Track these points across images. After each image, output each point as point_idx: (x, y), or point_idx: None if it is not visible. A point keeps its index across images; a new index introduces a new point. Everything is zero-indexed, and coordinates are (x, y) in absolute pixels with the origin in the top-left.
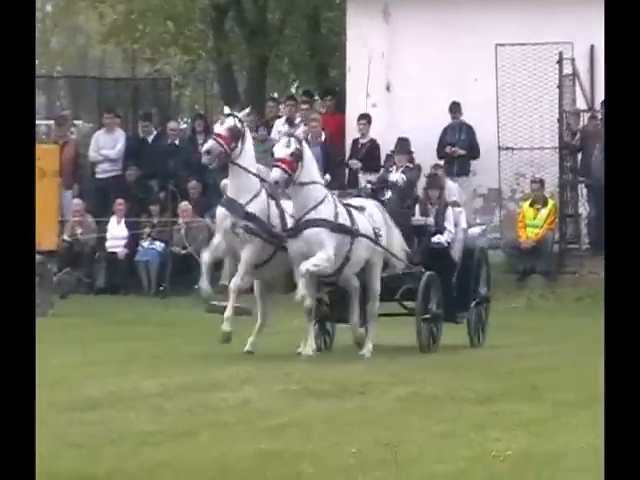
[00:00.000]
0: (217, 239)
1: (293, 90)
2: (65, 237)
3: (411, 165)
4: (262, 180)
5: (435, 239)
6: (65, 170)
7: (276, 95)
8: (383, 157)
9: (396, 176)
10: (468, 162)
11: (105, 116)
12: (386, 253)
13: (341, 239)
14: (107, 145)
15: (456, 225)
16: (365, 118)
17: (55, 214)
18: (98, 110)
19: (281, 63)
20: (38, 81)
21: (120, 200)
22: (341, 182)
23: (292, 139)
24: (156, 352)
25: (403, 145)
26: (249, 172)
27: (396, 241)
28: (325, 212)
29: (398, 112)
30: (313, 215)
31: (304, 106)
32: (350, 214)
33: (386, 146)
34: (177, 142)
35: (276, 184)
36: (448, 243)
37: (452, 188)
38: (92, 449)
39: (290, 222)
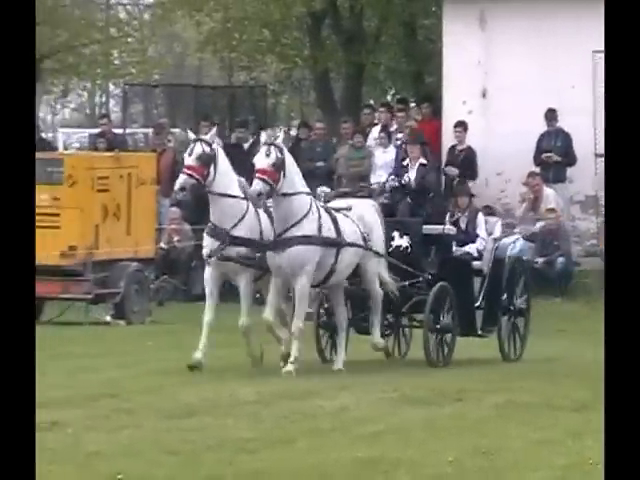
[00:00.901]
0: (207, 272)
1: (389, 97)
2: (162, 245)
3: (425, 161)
4: (244, 198)
5: (467, 248)
6: (163, 178)
7: (372, 102)
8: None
9: (411, 174)
10: (564, 169)
11: (202, 124)
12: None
13: (325, 252)
14: None
15: (490, 234)
16: (461, 125)
17: (152, 222)
18: (195, 118)
19: (377, 70)
20: (136, 89)
21: None
22: (437, 189)
23: (272, 147)
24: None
25: (417, 136)
26: (228, 196)
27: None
28: (308, 227)
29: (494, 119)
30: (295, 232)
31: (400, 113)
32: (335, 221)
33: (482, 153)
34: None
35: (258, 196)
36: (479, 252)
37: (549, 195)
38: (189, 456)
39: None
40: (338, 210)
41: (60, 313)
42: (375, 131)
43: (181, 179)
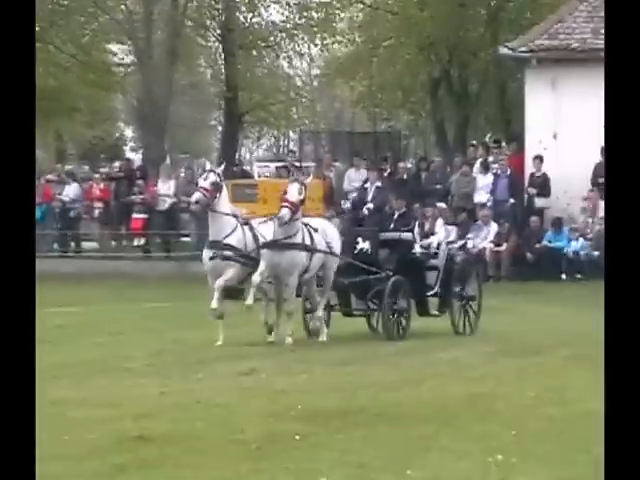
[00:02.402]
0: (209, 281)
1: (487, 138)
2: None
3: (380, 183)
4: (236, 217)
5: (422, 243)
6: (325, 197)
7: (475, 142)
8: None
9: (368, 204)
10: None
11: (354, 159)
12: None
13: (305, 256)
14: (356, 179)
15: (446, 238)
16: (539, 158)
17: None
18: (350, 155)
19: (478, 119)
20: (308, 135)
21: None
22: (521, 204)
23: (303, 187)
24: None
25: (374, 162)
26: (228, 214)
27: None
28: (299, 238)
29: (563, 154)
30: (293, 240)
31: (495, 150)
32: (310, 233)
33: (554, 178)
34: (405, 176)
35: (285, 223)
36: (435, 253)
37: (603, 207)
38: (347, 393)
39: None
40: (309, 225)
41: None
42: (477, 163)
43: (197, 195)
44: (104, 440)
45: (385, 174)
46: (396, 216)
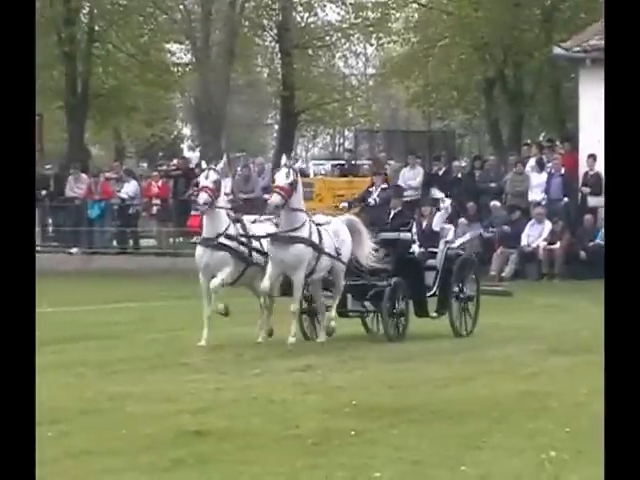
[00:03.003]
0: (201, 279)
1: (541, 138)
2: None
3: (385, 185)
4: (228, 214)
5: (417, 247)
6: None
7: (529, 141)
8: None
9: (372, 197)
10: None
11: (409, 157)
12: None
13: (312, 254)
14: (411, 177)
15: (444, 237)
16: (592, 157)
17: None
18: (404, 154)
19: (533, 119)
20: (363, 134)
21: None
22: (575, 203)
23: (291, 170)
24: (445, 321)
25: (379, 168)
26: (227, 209)
27: (366, 251)
28: (306, 233)
29: None
30: (298, 233)
31: (549, 149)
32: (320, 233)
33: None
34: (459, 175)
35: (275, 208)
36: (433, 252)
37: None
38: (402, 389)
39: (255, 242)
40: (320, 224)
41: None
42: (531, 161)
43: (203, 197)
44: (162, 435)
45: (440, 172)
46: (392, 215)
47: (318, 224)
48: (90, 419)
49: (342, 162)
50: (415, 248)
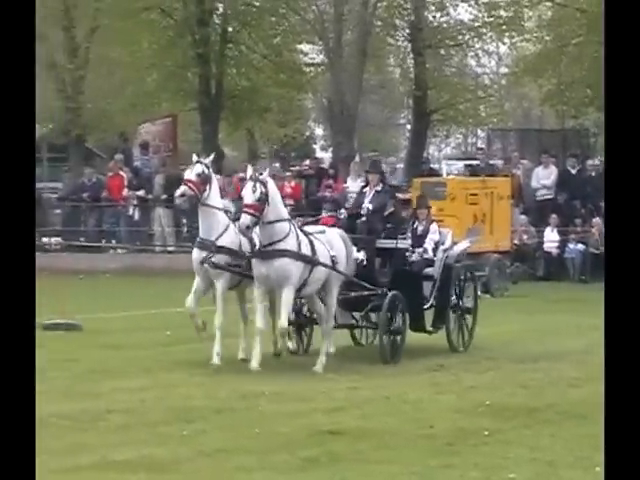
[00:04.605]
0: (196, 281)
1: None
2: (515, 241)
3: (380, 187)
4: (227, 212)
5: (415, 254)
6: (514, 194)
7: None
8: None
9: (366, 204)
10: None
11: (542, 156)
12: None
13: (303, 267)
14: (544, 177)
15: (442, 244)
16: None
17: (508, 225)
18: (538, 152)
19: None
20: (496, 133)
21: (554, 215)
22: None
23: (257, 183)
24: (577, 321)
25: (376, 166)
26: (218, 209)
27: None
28: (290, 244)
29: None
30: (281, 246)
31: None
32: (312, 243)
33: None
34: (593, 174)
35: (247, 229)
36: (428, 261)
37: None
38: (535, 389)
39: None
40: (312, 234)
41: None
42: None
43: (181, 189)
44: (295, 434)
45: (573, 171)
46: (386, 214)
47: (309, 233)
48: (224, 418)
49: (475, 162)
50: (414, 257)
